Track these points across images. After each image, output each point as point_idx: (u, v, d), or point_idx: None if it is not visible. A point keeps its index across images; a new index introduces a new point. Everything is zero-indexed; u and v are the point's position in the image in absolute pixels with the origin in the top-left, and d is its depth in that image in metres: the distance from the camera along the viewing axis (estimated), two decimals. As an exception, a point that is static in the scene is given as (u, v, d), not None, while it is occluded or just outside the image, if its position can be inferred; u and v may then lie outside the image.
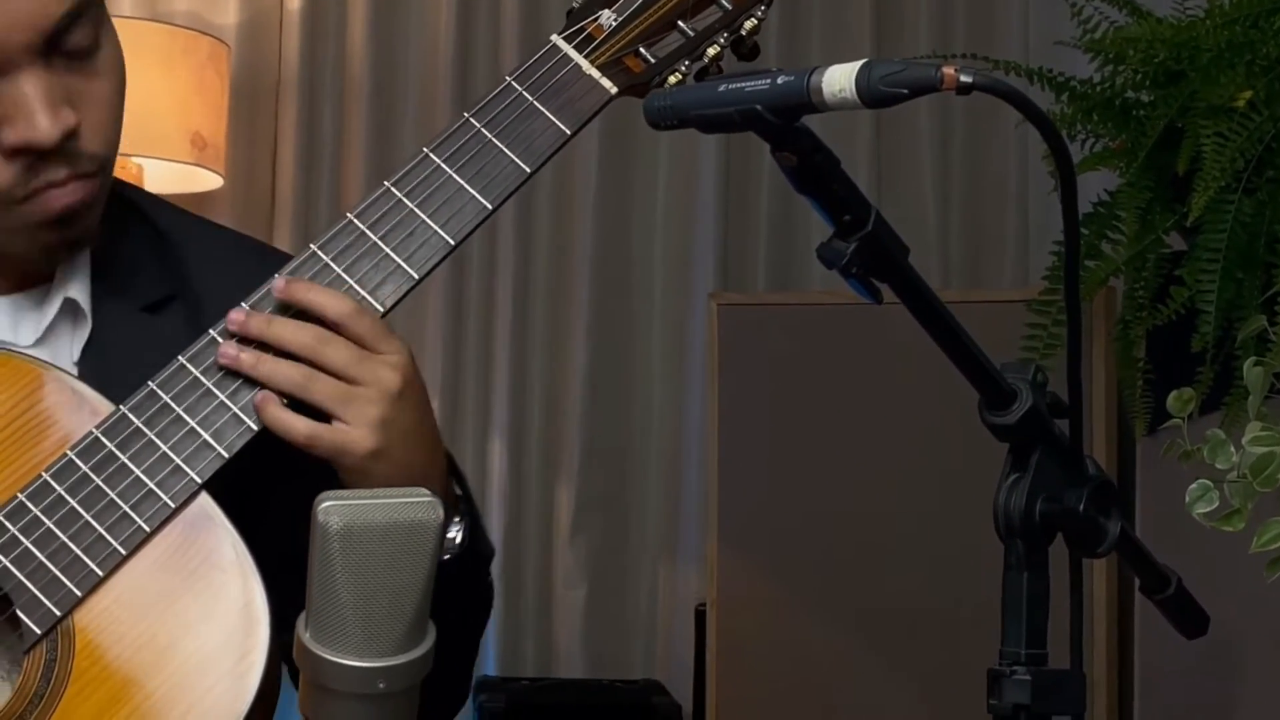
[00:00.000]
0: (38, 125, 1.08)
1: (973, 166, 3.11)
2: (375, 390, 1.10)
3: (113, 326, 1.18)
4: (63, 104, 1.10)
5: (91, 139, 1.13)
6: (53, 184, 1.11)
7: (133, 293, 1.20)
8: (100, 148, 1.14)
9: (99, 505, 1.06)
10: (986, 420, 0.97)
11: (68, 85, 1.11)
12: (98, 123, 1.13)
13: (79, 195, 1.12)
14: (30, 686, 1.03)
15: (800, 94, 0.89)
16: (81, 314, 1.18)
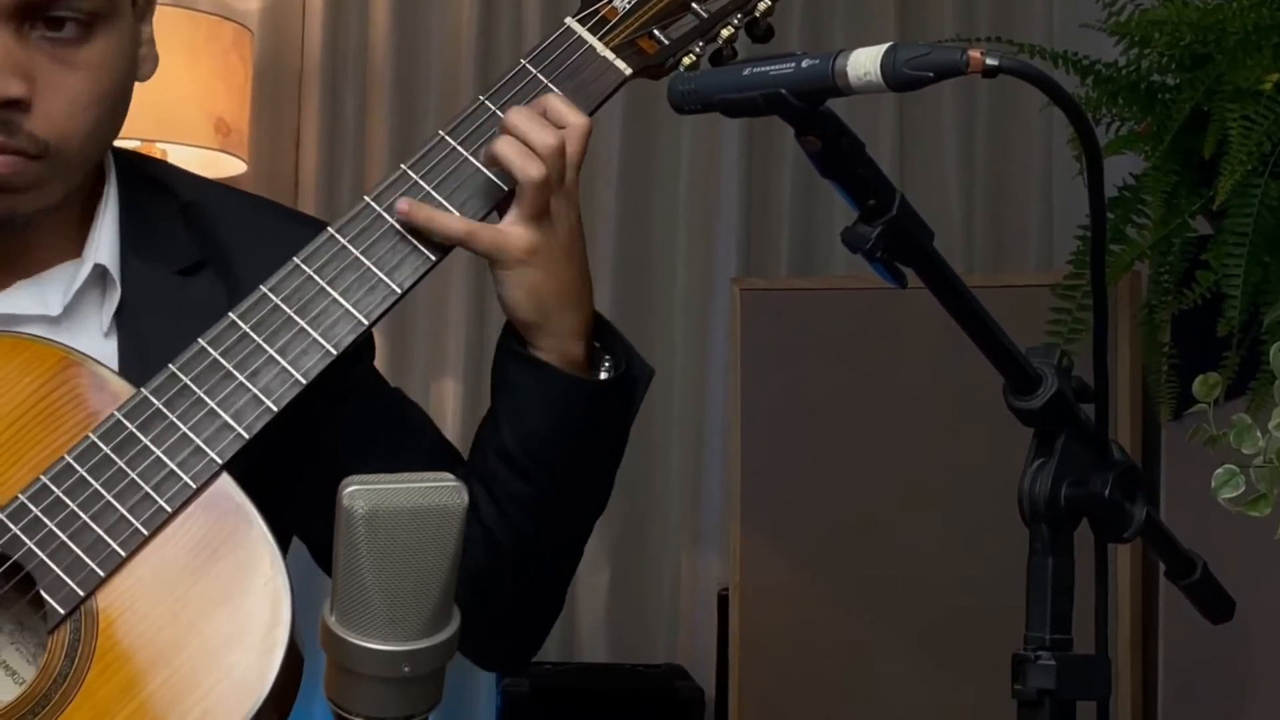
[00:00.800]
0: None
1: (996, 151, 3.10)
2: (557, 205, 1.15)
3: (146, 291, 1.19)
4: (14, 75, 1.10)
5: (42, 122, 1.12)
6: None
7: (164, 258, 1.21)
8: (50, 134, 1.13)
9: (120, 487, 1.06)
10: (1011, 405, 0.96)
11: (33, 62, 1.11)
12: (55, 111, 1.13)
13: (12, 170, 1.12)
14: (54, 666, 1.03)
15: (825, 77, 0.89)
16: (111, 281, 1.19)
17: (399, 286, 1.14)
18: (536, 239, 1.15)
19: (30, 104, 1.12)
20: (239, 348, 1.11)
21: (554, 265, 1.16)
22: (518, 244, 1.15)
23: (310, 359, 1.11)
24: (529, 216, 1.14)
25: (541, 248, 1.15)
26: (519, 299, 1.16)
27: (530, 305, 1.16)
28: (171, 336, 1.14)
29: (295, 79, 3.14)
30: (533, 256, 1.15)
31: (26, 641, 1.08)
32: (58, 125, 1.13)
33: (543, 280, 1.15)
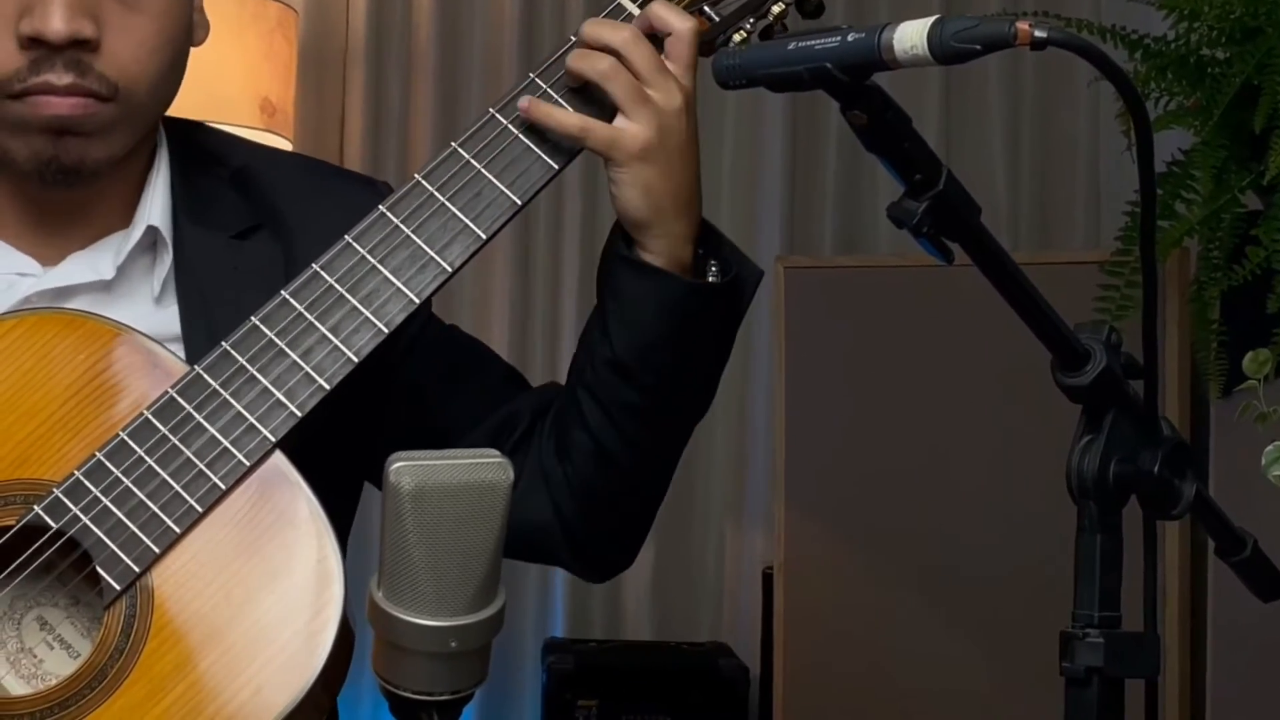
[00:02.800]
0: (49, 18, 1.11)
1: (1043, 126, 3.07)
2: (662, 97, 1.15)
3: (201, 254, 1.21)
4: (84, 15, 1.13)
5: (110, 63, 1.14)
6: (51, 88, 1.13)
7: (219, 222, 1.23)
8: (118, 75, 1.15)
9: (176, 463, 1.07)
10: (1060, 381, 0.96)
11: (100, 3, 1.14)
12: (122, 51, 1.15)
13: (75, 110, 1.14)
14: (110, 641, 1.04)
15: (871, 51, 0.88)
16: (163, 243, 1.21)
17: (449, 265, 1.14)
18: (650, 136, 1.15)
19: (99, 45, 1.14)
20: (291, 326, 1.11)
21: (669, 165, 1.17)
22: (632, 140, 1.15)
23: (362, 337, 1.12)
24: (631, 107, 1.15)
25: (655, 145, 1.15)
26: (632, 197, 1.16)
27: (644, 204, 1.16)
28: (232, 299, 1.17)
29: (340, 58, 3.15)
30: (647, 154, 1.15)
31: (81, 617, 1.09)
32: (126, 67, 1.15)
33: (657, 179, 1.16)
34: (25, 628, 1.09)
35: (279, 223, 1.24)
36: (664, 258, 1.18)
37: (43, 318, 1.11)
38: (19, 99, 1.14)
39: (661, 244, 1.18)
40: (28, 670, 1.08)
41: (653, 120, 1.15)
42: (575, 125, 1.16)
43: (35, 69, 1.13)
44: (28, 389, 1.08)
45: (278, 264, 1.21)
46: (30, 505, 1.06)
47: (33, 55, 1.13)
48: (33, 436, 1.08)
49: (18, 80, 1.13)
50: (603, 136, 1.16)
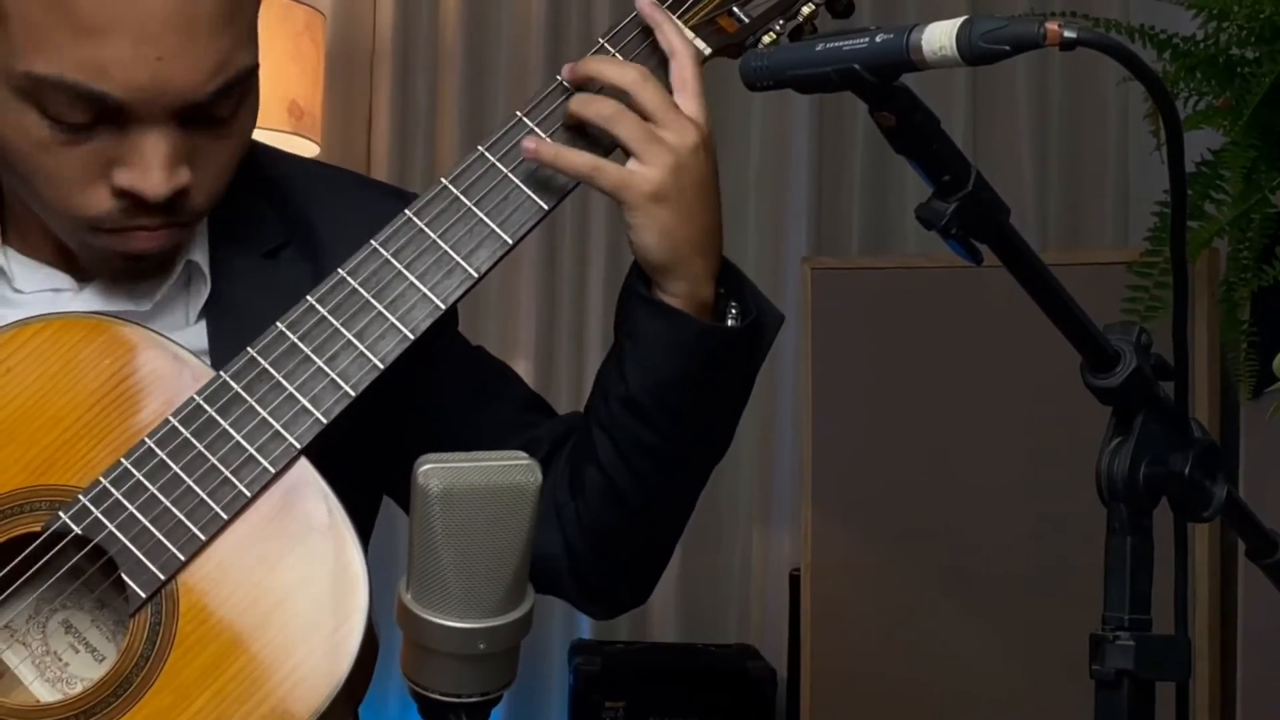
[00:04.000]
0: (150, 180, 1.08)
1: (1071, 126, 3.06)
2: (675, 137, 1.12)
3: (235, 279, 1.19)
4: (181, 164, 1.09)
5: (199, 195, 1.12)
6: (146, 228, 1.11)
7: (251, 241, 1.20)
8: (205, 203, 1.13)
9: (200, 471, 1.07)
10: (1089, 383, 0.95)
11: (194, 145, 1.10)
12: (211, 180, 1.13)
13: (167, 241, 1.13)
14: (136, 648, 1.04)
15: (899, 52, 0.88)
16: (200, 275, 1.19)
17: (475, 271, 1.13)
18: (663, 178, 1.12)
19: (191, 185, 1.11)
20: (317, 332, 1.11)
21: (686, 206, 1.13)
22: (644, 183, 1.12)
23: (388, 344, 1.11)
24: (641, 149, 1.12)
25: (670, 187, 1.12)
26: (649, 241, 1.13)
27: (661, 247, 1.13)
28: (261, 318, 1.14)
29: (367, 61, 3.16)
30: (660, 196, 1.12)
31: (107, 620, 1.09)
32: (211, 191, 1.13)
33: (674, 221, 1.13)
34: (51, 631, 1.09)
35: (310, 236, 1.22)
36: (683, 299, 1.15)
37: (67, 322, 1.11)
38: (110, 234, 1.11)
39: (681, 285, 1.15)
40: (53, 674, 1.08)
41: (666, 161, 1.12)
42: (587, 166, 1.12)
43: (129, 215, 1.10)
44: (53, 394, 1.08)
45: (306, 280, 1.18)
46: (55, 511, 1.06)
47: (128, 203, 1.09)
48: (58, 442, 1.07)
49: (108, 220, 1.10)
50: (613, 178, 1.12)
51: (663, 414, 1.16)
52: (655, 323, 1.15)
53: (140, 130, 1.07)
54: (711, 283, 1.16)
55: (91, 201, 1.09)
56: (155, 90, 1.05)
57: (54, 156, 1.08)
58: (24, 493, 1.06)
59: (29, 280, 1.18)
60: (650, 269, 1.15)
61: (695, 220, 1.14)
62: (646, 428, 1.17)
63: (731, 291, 1.18)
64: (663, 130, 1.12)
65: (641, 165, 1.12)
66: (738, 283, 1.19)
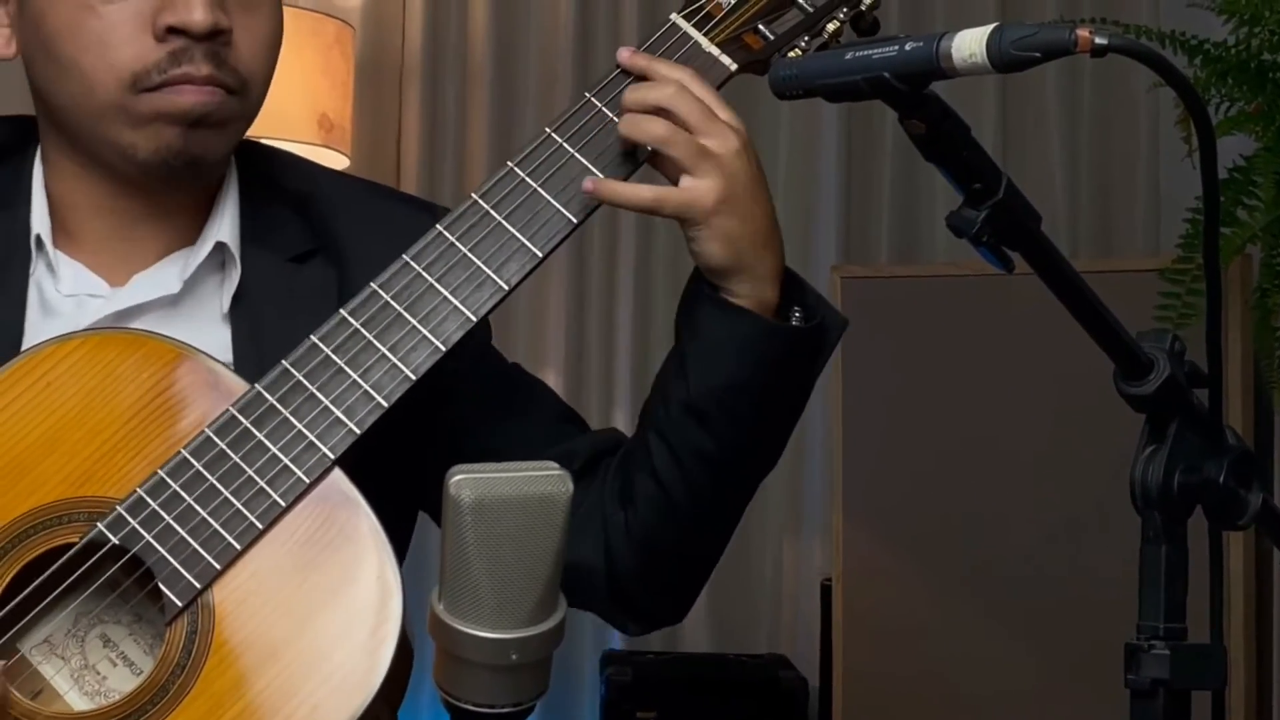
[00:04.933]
0: (193, 9, 1.14)
1: (1101, 133, 3.05)
2: (720, 145, 1.14)
3: (261, 275, 1.22)
4: (220, 7, 1.16)
5: (239, 57, 1.18)
6: (191, 78, 1.15)
7: (278, 245, 1.23)
8: (246, 69, 1.18)
9: (236, 481, 1.08)
10: (1123, 390, 0.95)
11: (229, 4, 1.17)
12: (249, 47, 1.19)
13: (212, 99, 1.16)
14: (172, 657, 1.05)
15: (929, 60, 0.88)
16: (231, 259, 1.21)
17: (506, 283, 1.14)
18: (721, 187, 1.13)
19: (230, 38, 1.17)
20: (350, 344, 1.12)
21: (744, 209, 1.14)
22: (706, 197, 1.13)
23: (419, 355, 1.12)
24: (695, 165, 1.13)
25: (727, 195, 1.14)
26: (715, 250, 1.15)
27: (727, 253, 1.15)
28: (284, 323, 1.17)
29: (396, 74, 3.17)
30: (721, 206, 1.14)
31: (144, 633, 1.10)
32: (250, 62, 1.19)
33: (736, 226, 1.14)
34: (89, 645, 1.10)
35: (337, 247, 1.24)
36: (749, 299, 1.16)
37: (105, 337, 1.13)
38: (155, 90, 1.15)
39: (747, 286, 1.16)
40: (91, 687, 1.09)
41: (719, 171, 1.13)
42: (649, 199, 1.14)
43: (175, 61, 1.15)
44: (91, 408, 1.10)
45: (332, 288, 1.21)
46: (93, 522, 1.07)
47: (172, 47, 1.15)
48: (96, 455, 1.09)
49: (157, 72, 1.15)
50: (678, 201, 1.14)
51: (723, 418, 1.16)
52: (722, 322, 1.16)
53: None
54: (776, 284, 1.17)
55: (138, 51, 1.15)
56: None
57: (98, 16, 1.15)
58: (63, 504, 1.08)
59: (70, 282, 1.21)
60: (715, 275, 1.16)
61: (752, 219, 1.15)
62: (705, 433, 1.17)
63: (793, 297, 1.19)
64: (707, 140, 1.14)
65: (696, 180, 1.14)
66: (799, 288, 1.20)
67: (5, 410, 1.09)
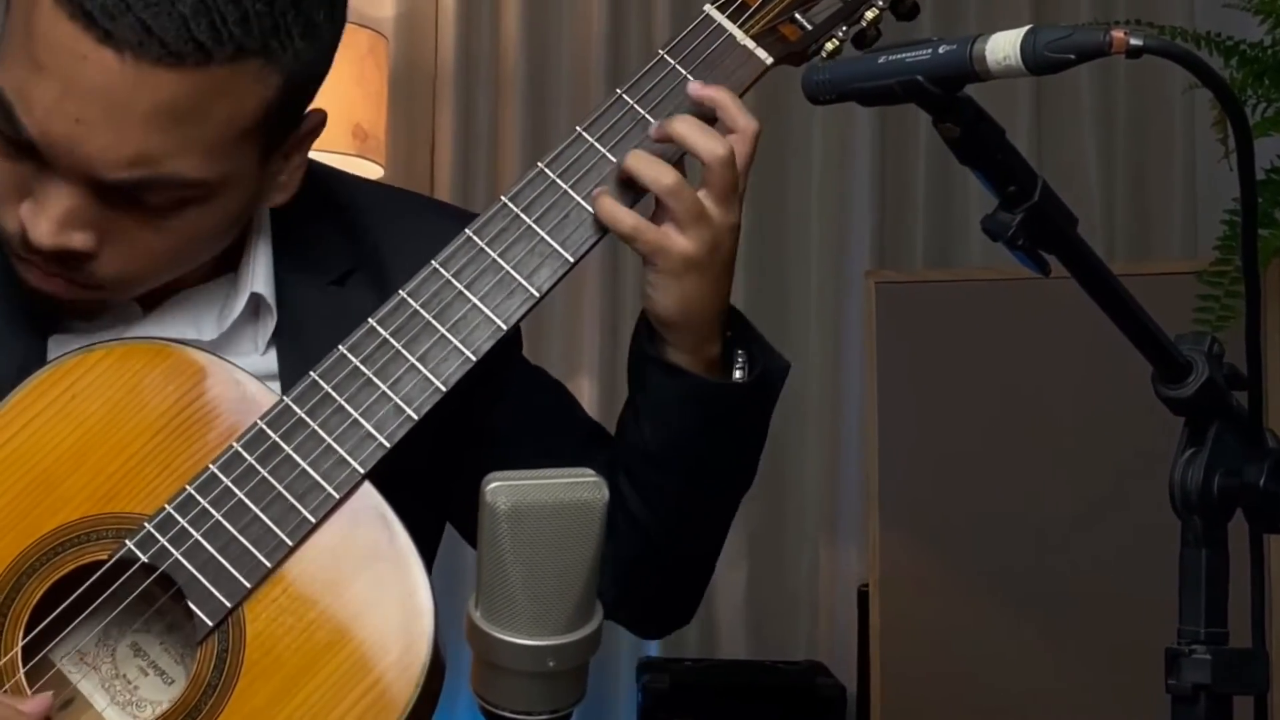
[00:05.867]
0: (39, 226, 1.05)
1: (1137, 135, 3.04)
2: (720, 216, 1.13)
3: (302, 306, 1.18)
4: (81, 229, 1.06)
5: (105, 267, 1.08)
6: (38, 266, 1.09)
7: (318, 269, 1.19)
8: (112, 277, 1.09)
9: (266, 497, 1.06)
10: (1161, 393, 0.94)
11: (109, 218, 1.06)
12: (124, 260, 1.08)
13: (59, 290, 1.10)
14: (204, 677, 1.04)
15: (963, 63, 0.87)
16: (266, 307, 1.18)
17: (537, 290, 1.12)
18: (699, 252, 1.13)
19: (96, 254, 1.07)
20: (379, 354, 1.10)
21: (711, 278, 1.14)
22: (679, 253, 1.13)
23: (450, 366, 1.10)
24: (685, 223, 1.12)
25: (702, 259, 1.13)
26: (667, 303, 1.15)
27: (677, 310, 1.15)
28: (331, 346, 1.12)
29: (429, 84, 3.18)
30: (691, 267, 1.13)
31: (175, 643, 1.09)
32: (123, 269, 1.09)
33: (695, 289, 1.14)
34: (120, 655, 1.09)
35: (377, 262, 1.21)
36: (690, 354, 1.16)
37: (131, 348, 1.10)
38: (16, 259, 1.10)
39: (689, 341, 1.16)
40: (123, 697, 1.09)
41: (705, 237, 1.12)
42: (627, 228, 1.13)
43: (25, 246, 1.08)
44: (117, 422, 1.08)
45: (372, 306, 1.15)
46: (122, 540, 1.05)
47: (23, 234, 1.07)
48: (123, 470, 1.07)
49: (13, 241, 1.09)
50: (650, 242, 1.13)
51: (677, 462, 1.18)
52: (664, 382, 1.17)
53: (52, 176, 1.05)
54: (719, 339, 1.18)
55: (6, 217, 1.08)
56: (65, 147, 1.02)
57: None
58: (90, 521, 1.06)
59: None
60: (661, 325, 1.17)
61: (715, 291, 1.15)
62: (665, 474, 1.18)
63: (738, 338, 1.19)
64: (711, 206, 1.13)
65: (681, 235, 1.12)
66: (743, 330, 1.20)
67: (32, 424, 1.07)
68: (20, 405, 1.08)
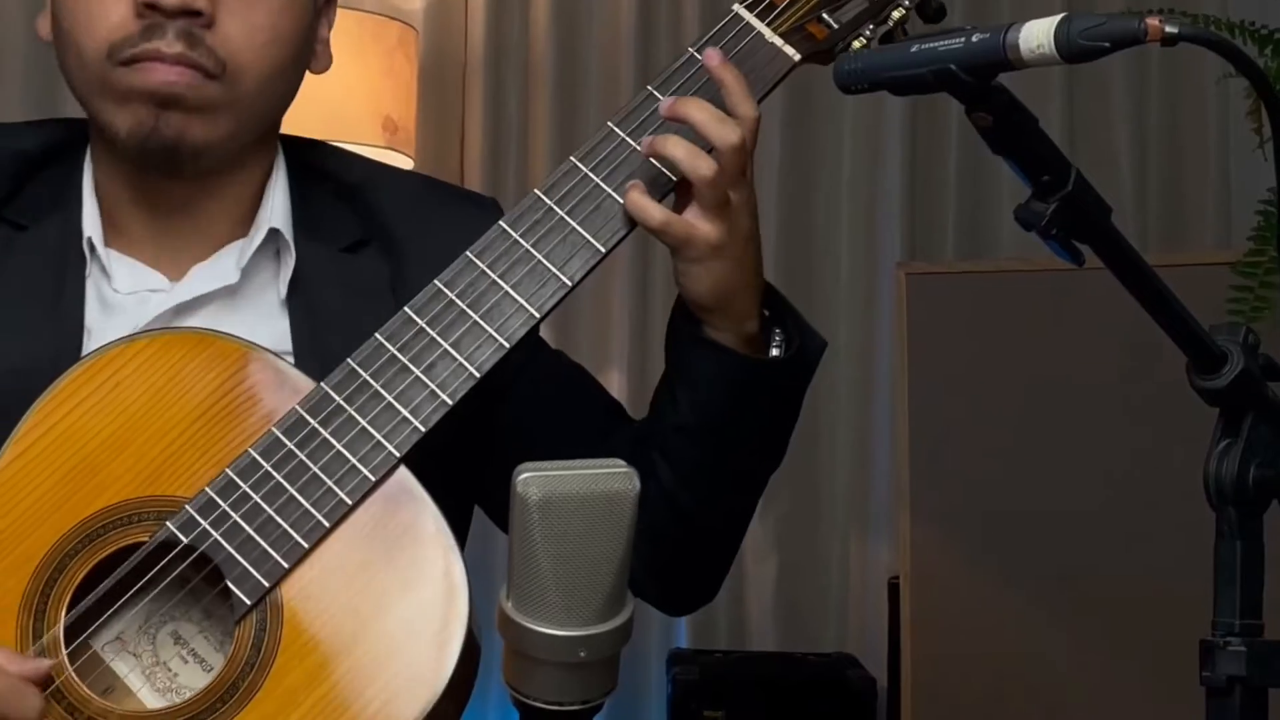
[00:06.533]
0: None
1: (1170, 125, 3.02)
2: (739, 200, 1.16)
3: (315, 264, 1.23)
4: None
5: (223, 40, 1.17)
6: (160, 56, 1.15)
7: (330, 235, 1.25)
8: (227, 55, 1.17)
9: (303, 480, 1.09)
10: (1196, 385, 0.94)
11: None
12: (235, 33, 1.17)
13: (180, 79, 1.16)
14: (241, 655, 1.06)
15: (996, 51, 0.87)
16: (285, 245, 1.23)
17: (569, 279, 1.15)
18: (723, 233, 1.15)
19: (212, 20, 1.16)
20: (414, 342, 1.13)
21: (738, 257, 1.17)
22: (706, 238, 1.15)
23: (484, 353, 1.13)
24: (710, 210, 1.15)
25: (727, 241, 1.16)
26: (701, 289, 1.17)
27: (711, 293, 1.17)
28: (340, 310, 1.19)
29: (459, 75, 3.18)
30: (719, 251, 1.16)
31: (214, 630, 1.11)
32: (237, 50, 1.18)
33: (724, 270, 1.17)
34: (160, 642, 1.11)
35: (389, 238, 1.26)
36: (729, 334, 1.19)
37: (173, 338, 1.14)
38: (129, 65, 1.16)
39: (727, 322, 1.19)
40: (163, 683, 1.10)
41: (729, 221, 1.15)
42: (657, 223, 1.15)
43: (147, 35, 1.15)
44: (159, 408, 1.11)
45: (384, 278, 1.23)
46: (163, 522, 1.08)
47: (146, 22, 1.15)
48: (165, 454, 1.10)
49: (129, 45, 1.16)
50: (678, 234, 1.16)
51: (714, 440, 1.20)
52: (703, 359, 1.19)
53: None
54: (756, 317, 1.20)
55: (118, 23, 1.15)
56: None
57: None
58: (133, 504, 1.09)
59: (126, 280, 1.23)
60: (699, 310, 1.19)
61: (745, 270, 1.18)
62: (700, 452, 1.20)
63: (776, 317, 1.22)
64: (733, 192, 1.15)
65: (705, 220, 1.15)
66: (781, 309, 1.22)
67: (75, 410, 1.10)
68: (65, 393, 1.11)
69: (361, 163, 1.34)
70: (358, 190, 1.28)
